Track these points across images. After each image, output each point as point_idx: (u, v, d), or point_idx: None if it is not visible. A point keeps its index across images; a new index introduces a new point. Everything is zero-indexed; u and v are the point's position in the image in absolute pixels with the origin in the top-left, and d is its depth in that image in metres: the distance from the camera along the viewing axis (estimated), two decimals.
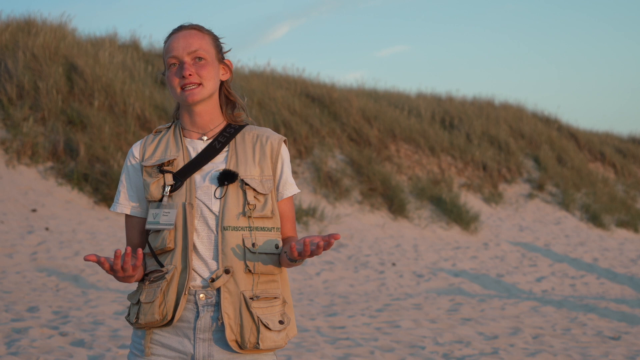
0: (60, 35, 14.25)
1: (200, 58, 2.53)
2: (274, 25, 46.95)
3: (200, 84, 2.52)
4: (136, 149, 2.59)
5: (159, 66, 15.76)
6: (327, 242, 2.35)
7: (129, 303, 7.64)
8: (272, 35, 46.11)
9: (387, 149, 17.32)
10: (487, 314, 8.68)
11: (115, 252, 2.34)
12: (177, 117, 2.65)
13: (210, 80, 2.54)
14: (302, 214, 13.57)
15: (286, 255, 2.48)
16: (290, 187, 2.60)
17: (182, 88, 2.52)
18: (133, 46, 16.57)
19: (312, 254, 2.38)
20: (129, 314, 2.54)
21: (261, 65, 18.41)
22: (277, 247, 2.53)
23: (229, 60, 2.63)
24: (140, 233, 2.59)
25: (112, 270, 2.39)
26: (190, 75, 2.50)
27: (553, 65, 46.78)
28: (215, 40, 2.61)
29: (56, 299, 7.80)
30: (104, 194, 11.96)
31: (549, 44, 47.00)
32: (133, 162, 2.58)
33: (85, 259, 2.33)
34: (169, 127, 2.62)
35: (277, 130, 15.37)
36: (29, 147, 12.17)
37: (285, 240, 2.60)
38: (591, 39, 48.93)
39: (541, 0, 47.45)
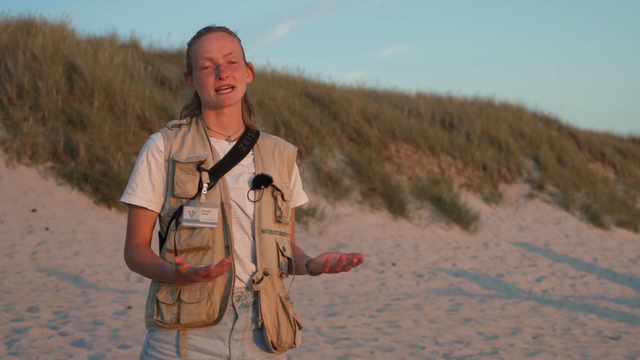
0: (60, 35, 14.25)
1: (233, 61, 2.55)
2: (274, 25, 46.96)
3: (234, 87, 2.54)
4: (160, 143, 2.55)
5: (159, 66, 15.76)
6: (349, 259, 2.41)
7: (128, 303, 7.65)
8: (272, 35, 46.10)
9: (387, 149, 17.32)
10: (487, 314, 8.68)
11: (225, 261, 2.26)
12: (194, 114, 2.64)
13: (242, 83, 2.57)
14: (302, 214, 13.57)
15: (307, 267, 2.55)
16: (302, 196, 2.70)
17: (217, 91, 2.53)
18: (133, 46, 16.57)
19: (332, 271, 2.46)
20: (158, 314, 2.48)
21: (261, 65, 18.42)
22: (289, 252, 2.60)
23: (251, 63, 2.66)
24: (150, 228, 2.56)
25: (202, 276, 2.31)
26: (227, 77, 2.52)
27: (553, 65, 46.79)
28: (240, 43, 2.64)
29: (56, 299, 7.80)
30: (104, 194, 11.96)
31: (549, 44, 47.01)
32: (157, 156, 2.54)
33: (177, 262, 2.29)
34: (189, 124, 2.61)
35: (277, 130, 15.38)
36: (29, 147, 12.17)
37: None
38: (591, 39, 48.94)
39: (541, 0, 47.45)
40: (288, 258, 2.58)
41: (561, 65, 47.30)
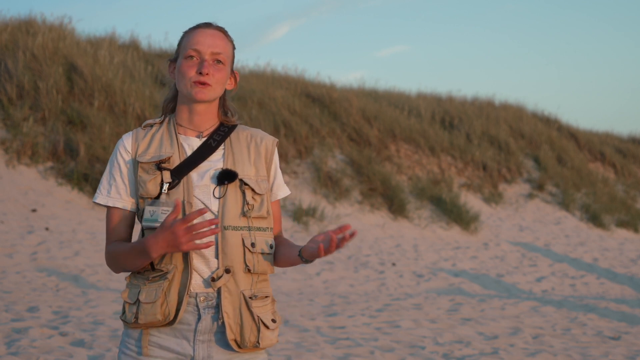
0: (60, 35, 14.25)
1: (219, 61, 2.53)
2: (274, 25, 46.97)
3: (211, 85, 2.52)
4: (128, 143, 2.55)
5: (159, 66, 15.76)
6: (342, 236, 2.36)
7: None
8: (272, 35, 46.12)
9: (387, 149, 17.32)
10: (487, 314, 8.68)
11: (214, 221, 2.30)
12: (169, 110, 2.63)
13: (221, 85, 2.55)
14: (302, 214, 13.56)
15: (299, 255, 2.49)
16: (283, 189, 2.64)
17: (194, 83, 2.51)
18: (133, 46, 16.57)
19: (327, 252, 2.41)
20: (124, 313, 2.51)
21: (261, 65, 18.42)
22: (271, 247, 2.55)
23: (237, 72, 2.65)
24: (127, 227, 2.56)
25: (182, 227, 2.32)
26: (207, 74, 2.50)
27: (553, 65, 46.80)
28: (234, 49, 2.62)
29: (56, 299, 7.80)
30: None
31: (549, 44, 47.01)
32: (125, 156, 2.55)
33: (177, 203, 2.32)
34: (162, 122, 2.60)
35: (277, 130, 15.37)
36: (29, 147, 12.17)
37: (275, 238, 2.62)
38: (591, 39, 48.95)
39: (541, 0, 47.46)
40: (265, 253, 2.53)
41: (561, 65, 47.31)
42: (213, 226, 2.35)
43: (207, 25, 2.57)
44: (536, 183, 19.44)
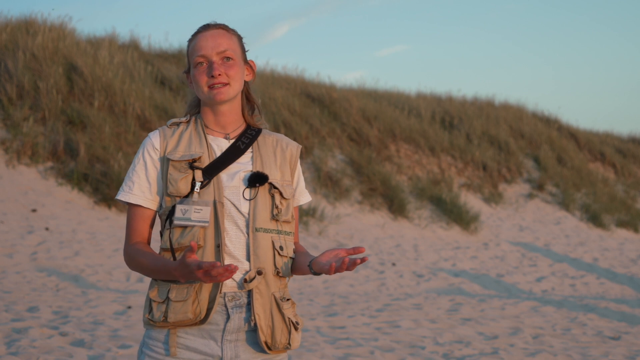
0: (60, 35, 14.25)
1: (228, 58, 2.53)
2: (274, 25, 46.96)
3: (227, 84, 2.52)
4: (156, 141, 2.54)
5: (159, 66, 15.76)
6: (353, 261, 2.36)
7: (128, 303, 7.65)
8: (272, 35, 46.09)
9: (387, 149, 17.32)
10: (487, 314, 8.68)
11: (231, 266, 2.26)
12: (195, 112, 2.63)
13: (237, 81, 2.55)
14: (302, 214, 13.57)
15: (310, 268, 2.49)
16: (305, 195, 2.68)
17: (210, 87, 2.51)
18: (133, 46, 16.57)
19: (337, 271, 2.41)
20: (150, 312, 2.48)
21: (261, 65, 18.40)
22: (294, 251, 2.57)
23: (252, 61, 2.64)
24: (149, 226, 2.55)
25: (202, 272, 2.29)
26: (219, 75, 2.51)
27: (553, 65, 46.80)
28: (240, 40, 2.61)
29: (56, 299, 7.80)
30: (104, 194, 11.96)
31: (549, 44, 47.02)
32: (153, 154, 2.54)
33: (192, 244, 2.27)
34: (188, 122, 2.60)
35: (277, 130, 15.37)
36: (29, 147, 12.17)
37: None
38: (591, 39, 48.97)
39: (541, 1, 47.47)
40: (289, 257, 2.54)
41: (561, 65, 47.33)
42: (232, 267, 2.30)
43: (206, 27, 2.57)
44: (536, 183, 19.44)
